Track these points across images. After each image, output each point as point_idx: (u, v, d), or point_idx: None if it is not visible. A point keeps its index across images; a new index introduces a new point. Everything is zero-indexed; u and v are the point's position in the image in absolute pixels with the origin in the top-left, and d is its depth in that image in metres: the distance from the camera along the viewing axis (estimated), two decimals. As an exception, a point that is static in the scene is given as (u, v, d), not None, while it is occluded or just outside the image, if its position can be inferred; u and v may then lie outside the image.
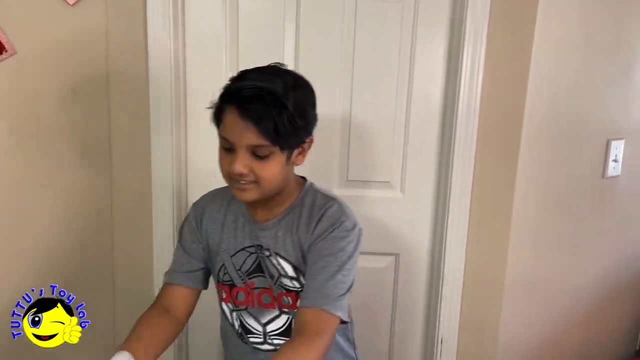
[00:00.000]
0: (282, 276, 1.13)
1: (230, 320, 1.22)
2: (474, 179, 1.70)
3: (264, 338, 1.18)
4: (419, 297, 1.85)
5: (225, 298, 1.21)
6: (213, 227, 1.19)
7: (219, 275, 1.19)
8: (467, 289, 1.76)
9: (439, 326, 1.78)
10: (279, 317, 1.16)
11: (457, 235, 1.72)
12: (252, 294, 1.16)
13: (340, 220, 1.10)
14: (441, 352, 1.80)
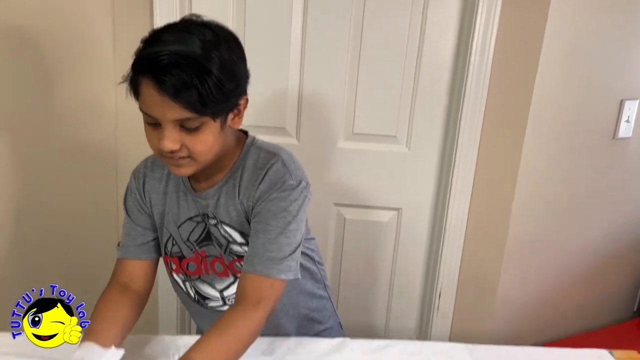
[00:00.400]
0: (231, 243, 1.08)
1: (184, 289, 1.18)
2: (482, 136, 1.68)
3: (222, 302, 1.15)
4: (419, 252, 1.87)
5: (175, 269, 1.16)
6: (156, 197, 1.12)
7: (166, 247, 1.13)
8: (468, 244, 1.77)
9: (438, 280, 1.80)
10: (234, 283, 1.12)
11: (461, 192, 1.72)
12: (205, 263, 1.11)
13: (283, 180, 1.01)
14: (439, 306, 1.83)
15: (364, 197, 1.82)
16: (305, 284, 1.22)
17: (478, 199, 1.74)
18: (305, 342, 1.18)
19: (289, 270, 1.02)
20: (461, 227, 1.75)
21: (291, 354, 1.13)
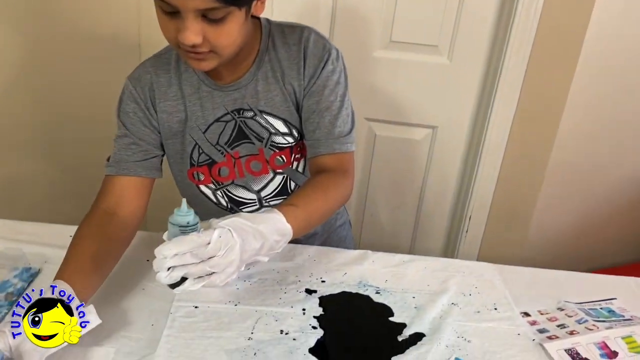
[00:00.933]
0: (273, 134, 1.02)
1: (214, 200, 1.10)
2: (531, 54, 1.54)
3: (259, 204, 1.10)
4: (452, 172, 1.78)
5: (204, 180, 1.07)
6: (171, 104, 1.01)
7: (192, 158, 1.05)
8: (505, 167, 1.68)
9: (470, 203, 1.73)
10: (273, 179, 1.07)
11: (504, 111, 1.60)
12: (239, 165, 1.05)
13: (327, 51, 0.99)
14: (468, 230, 1.77)
15: (398, 112, 1.72)
16: None
17: (521, 120, 1.62)
18: (325, 252, 1.14)
19: (354, 140, 1.02)
20: (500, 149, 1.65)
21: (310, 261, 1.10)
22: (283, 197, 1.09)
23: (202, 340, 0.86)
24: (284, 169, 1.07)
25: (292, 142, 1.05)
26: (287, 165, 1.07)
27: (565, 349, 0.92)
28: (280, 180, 1.09)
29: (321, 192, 0.94)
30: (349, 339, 0.91)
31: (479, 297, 1.05)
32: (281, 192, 1.10)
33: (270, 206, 1.03)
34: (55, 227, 1.10)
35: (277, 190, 1.10)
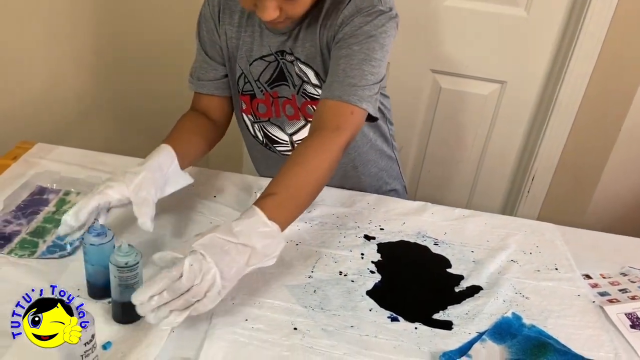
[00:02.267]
0: (305, 83, 1.02)
1: (252, 132, 1.15)
2: (617, 5, 1.43)
3: (291, 146, 1.12)
4: (518, 130, 1.72)
5: (245, 109, 1.11)
6: (231, 29, 1.04)
7: (238, 84, 1.08)
8: (576, 128, 1.61)
9: (534, 163, 1.68)
10: (305, 126, 1.08)
11: (581, 68, 1.51)
12: (276, 105, 1.06)
13: (370, 4, 0.91)
14: (530, 190, 1.73)
15: (465, 65, 1.66)
16: (376, 139, 1.17)
17: (598, 79, 1.53)
18: (385, 200, 1.15)
19: (369, 101, 0.92)
20: (572, 108, 1.57)
21: (370, 209, 1.11)
22: None
23: (265, 275, 0.90)
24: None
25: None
26: None
27: (626, 312, 0.91)
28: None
29: (300, 167, 0.86)
30: (405, 286, 0.93)
31: (539, 256, 1.04)
32: None
33: None
34: (131, 159, 1.17)
35: None
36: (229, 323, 0.80)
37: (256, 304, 0.84)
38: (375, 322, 0.84)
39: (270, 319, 0.81)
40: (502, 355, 0.81)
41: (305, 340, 0.79)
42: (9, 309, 0.60)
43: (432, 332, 0.83)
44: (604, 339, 0.86)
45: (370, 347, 0.79)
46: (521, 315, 0.88)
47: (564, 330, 0.87)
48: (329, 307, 0.85)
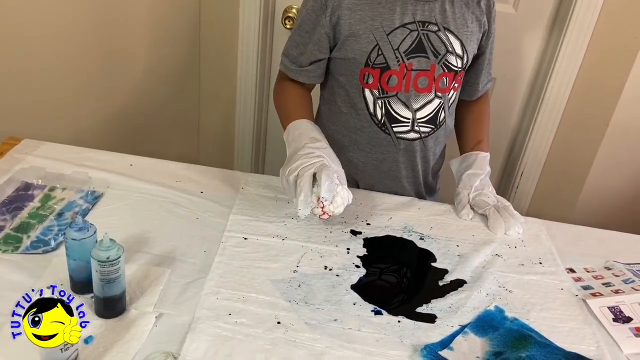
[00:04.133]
0: (449, 53, 1.07)
1: (370, 110, 1.12)
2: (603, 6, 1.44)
3: (411, 126, 1.12)
4: (507, 125, 1.73)
5: (371, 84, 1.09)
6: (356, 3, 1.04)
7: (369, 59, 1.06)
8: (565, 123, 1.61)
9: (523, 159, 1.68)
10: (432, 102, 1.11)
11: (568, 64, 1.52)
12: (408, 77, 1.07)
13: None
14: (517, 187, 1.74)
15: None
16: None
17: (586, 75, 1.54)
18: (371, 196, 1.15)
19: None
20: (560, 104, 1.58)
21: (357, 204, 1.12)
22: (431, 126, 1.14)
23: (250, 269, 0.90)
24: (443, 93, 1.11)
25: (460, 67, 1.10)
26: (446, 90, 1.12)
27: (609, 306, 0.91)
28: (437, 105, 1.12)
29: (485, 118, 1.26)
30: (390, 280, 0.93)
31: (523, 250, 1.05)
32: (432, 120, 1.13)
33: (420, 131, 1.14)
34: (118, 155, 1.17)
35: (430, 117, 1.13)
36: (213, 317, 0.80)
37: (240, 298, 0.84)
38: (358, 315, 0.84)
39: (253, 313, 0.82)
40: (483, 347, 0.81)
41: (288, 334, 0.79)
42: (-7, 302, 0.60)
43: (415, 325, 0.84)
44: (586, 332, 0.87)
45: (353, 340, 0.80)
46: (504, 309, 0.89)
47: (547, 323, 0.88)
48: (313, 301, 0.86)
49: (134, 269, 0.86)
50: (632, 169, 1.71)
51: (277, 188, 1.13)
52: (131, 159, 1.16)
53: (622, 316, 0.90)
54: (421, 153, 1.16)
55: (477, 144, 1.21)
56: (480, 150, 1.20)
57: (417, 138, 1.14)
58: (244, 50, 1.69)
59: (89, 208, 0.99)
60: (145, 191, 1.06)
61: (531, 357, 0.77)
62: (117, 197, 1.03)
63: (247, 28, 1.65)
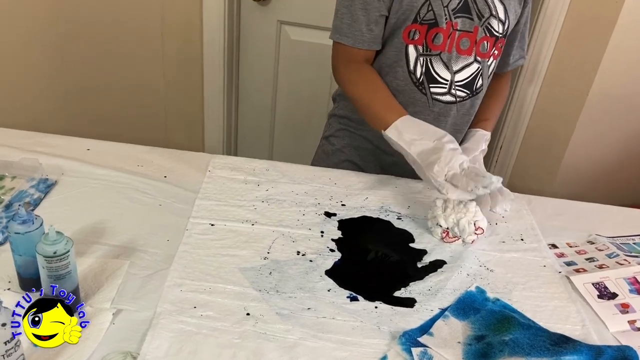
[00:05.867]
0: (492, 17, 1.05)
1: (410, 67, 1.08)
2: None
3: (448, 88, 1.09)
4: (485, 100, 1.69)
5: (417, 40, 1.05)
6: None
7: (419, 14, 1.03)
8: (544, 94, 1.57)
9: (502, 133, 1.65)
10: (471, 65, 1.08)
11: (547, 29, 1.47)
12: (453, 37, 1.05)
13: None
14: (497, 161, 1.70)
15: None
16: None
17: (565, 44, 1.49)
18: (346, 175, 1.10)
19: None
20: (539, 74, 1.54)
21: (331, 184, 1.07)
22: (467, 91, 1.11)
23: (217, 258, 0.85)
24: (482, 58, 1.08)
25: (501, 32, 1.07)
26: (486, 56, 1.09)
27: (593, 282, 0.88)
28: (476, 69, 1.09)
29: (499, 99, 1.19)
30: (366, 263, 0.89)
31: (504, 227, 1.01)
32: (469, 85, 1.10)
33: (456, 95, 1.10)
34: (73, 139, 1.09)
35: (468, 81, 1.09)
36: (176, 311, 0.74)
37: (206, 290, 0.79)
38: (333, 302, 0.79)
39: (220, 305, 0.76)
40: (464, 331, 0.77)
41: (258, 326, 0.74)
42: None
43: (393, 310, 0.80)
44: (570, 310, 0.83)
45: (328, 329, 0.75)
46: (485, 289, 0.85)
47: (529, 302, 0.84)
48: (285, 290, 0.80)
49: (89, 262, 0.80)
50: (612, 139, 1.69)
51: (247, 170, 1.07)
52: (88, 143, 1.08)
53: (607, 292, 0.86)
54: (453, 119, 1.12)
55: (482, 121, 1.16)
56: (482, 128, 1.14)
57: (452, 102, 1.10)
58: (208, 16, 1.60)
59: (41, 197, 0.92)
60: (103, 177, 0.99)
61: (515, 340, 0.74)
62: (72, 185, 0.96)
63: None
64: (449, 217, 0.93)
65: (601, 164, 1.74)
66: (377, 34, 1.05)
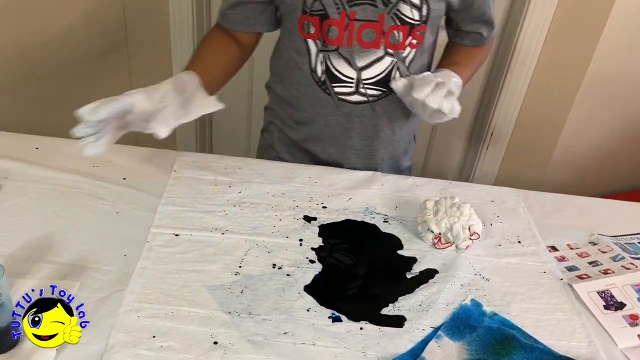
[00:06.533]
0: (402, 2, 0.88)
1: (310, 65, 0.96)
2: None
3: (355, 87, 0.96)
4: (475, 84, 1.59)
5: (313, 34, 0.93)
6: None
7: (305, 4, 0.90)
8: (537, 77, 1.48)
9: (493, 117, 1.56)
10: (381, 60, 0.93)
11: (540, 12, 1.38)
12: (351, 29, 0.90)
13: None
14: (488, 147, 1.62)
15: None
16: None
17: (560, 23, 1.40)
18: (328, 172, 1.01)
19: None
20: (532, 57, 1.44)
21: (311, 184, 0.97)
22: (383, 90, 0.96)
23: (181, 275, 0.75)
24: (395, 50, 0.92)
25: (417, 20, 0.90)
26: (399, 47, 0.92)
27: (598, 290, 0.81)
28: (388, 64, 0.94)
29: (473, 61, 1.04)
30: (350, 276, 0.79)
31: (500, 228, 0.93)
32: (382, 82, 0.95)
33: (367, 94, 0.96)
34: (20, 137, 0.97)
35: (380, 78, 0.94)
36: (132, 342, 0.65)
37: (168, 315, 0.69)
38: (313, 325, 0.70)
39: (184, 333, 0.67)
40: (460, 354, 0.69)
41: (227, 356, 0.65)
42: None
43: (381, 331, 0.71)
44: (575, 324, 0.76)
45: (307, 358, 0.66)
46: (481, 302, 0.77)
47: (530, 316, 0.76)
48: (259, 311, 0.71)
49: (31, 284, 0.69)
50: (608, 123, 1.61)
51: (218, 169, 0.97)
52: (37, 141, 0.96)
53: (613, 302, 0.79)
54: (371, 120, 0.99)
55: (451, 65, 0.98)
56: (451, 70, 0.96)
57: (364, 101, 0.96)
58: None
59: (-20, 208, 0.81)
60: (52, 181, 0.88)
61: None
62: (16, 191, 0.85)
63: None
64: (441, 221, 0.84)
65: (596, 148, 1.66)
66: (239, 17, 0.96)
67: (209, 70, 0.91)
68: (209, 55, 0.97)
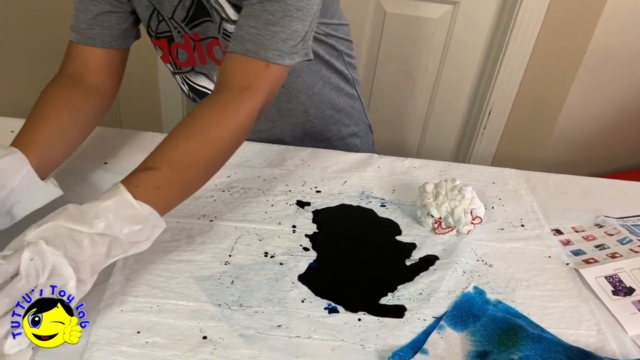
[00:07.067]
0: (224, 20, 0.79)
1: (178, 83, 0.94)
2: None
3: None
4: (474, 58, 1.54)
5: (163, 57, 0.88)
6: None
7: (150, 26, 0.84)
8: (537, 54, 1.43)
9: (491, 95, 1.51)
10: None
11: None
12: (199, 49, 0.84)
13: None
14: (486, 126, 1.57)
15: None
16: (330, 76, 0.96)
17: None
18: (322, 155, 0.96)
19: (295, 53, 0.71)
20: (532, 31, 1.39)
21: (304, 167, 0.92)
22: None
23: (168, 265, 0.71)
24: None
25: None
26: None
27: (606, 275, 0.77)
28: None
29: (194, 137, 0.66)
30: (346, 264, 0.75)
31: (502, 211, 0.89)
32: None
33: None
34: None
35: None
36: (115, 339, 0.61)
37: (153, 308, 0.65)
38: (308, 317, 0.66)
39: (170, 328, 0.63)
40: (464, 345, 0.66)
41: (217, 352, 0.61)
42: None
43: (380, 322, 0.67)
44: (582, 311, 0.72)
45: (303, 352, 0.62)
46: (484, 290, 0.73)
47: (535, 303, 0.72)
48: (250, 303, 0.67)
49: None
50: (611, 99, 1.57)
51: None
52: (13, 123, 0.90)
53: (622, 287, 0.75)
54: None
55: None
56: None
57: None
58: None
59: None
60: (29, 168, 0.82)
61: (525, 359, 0.62)
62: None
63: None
64: (442, 205, 0.80)
65: (597, 124, 1.62)
66: (98, 31, 0.80)
67: (47, 140, 0.72)
68: (48, 115, 0.75)
